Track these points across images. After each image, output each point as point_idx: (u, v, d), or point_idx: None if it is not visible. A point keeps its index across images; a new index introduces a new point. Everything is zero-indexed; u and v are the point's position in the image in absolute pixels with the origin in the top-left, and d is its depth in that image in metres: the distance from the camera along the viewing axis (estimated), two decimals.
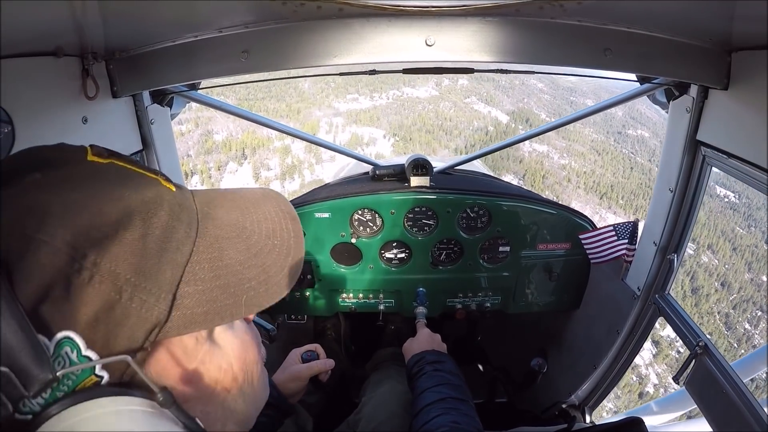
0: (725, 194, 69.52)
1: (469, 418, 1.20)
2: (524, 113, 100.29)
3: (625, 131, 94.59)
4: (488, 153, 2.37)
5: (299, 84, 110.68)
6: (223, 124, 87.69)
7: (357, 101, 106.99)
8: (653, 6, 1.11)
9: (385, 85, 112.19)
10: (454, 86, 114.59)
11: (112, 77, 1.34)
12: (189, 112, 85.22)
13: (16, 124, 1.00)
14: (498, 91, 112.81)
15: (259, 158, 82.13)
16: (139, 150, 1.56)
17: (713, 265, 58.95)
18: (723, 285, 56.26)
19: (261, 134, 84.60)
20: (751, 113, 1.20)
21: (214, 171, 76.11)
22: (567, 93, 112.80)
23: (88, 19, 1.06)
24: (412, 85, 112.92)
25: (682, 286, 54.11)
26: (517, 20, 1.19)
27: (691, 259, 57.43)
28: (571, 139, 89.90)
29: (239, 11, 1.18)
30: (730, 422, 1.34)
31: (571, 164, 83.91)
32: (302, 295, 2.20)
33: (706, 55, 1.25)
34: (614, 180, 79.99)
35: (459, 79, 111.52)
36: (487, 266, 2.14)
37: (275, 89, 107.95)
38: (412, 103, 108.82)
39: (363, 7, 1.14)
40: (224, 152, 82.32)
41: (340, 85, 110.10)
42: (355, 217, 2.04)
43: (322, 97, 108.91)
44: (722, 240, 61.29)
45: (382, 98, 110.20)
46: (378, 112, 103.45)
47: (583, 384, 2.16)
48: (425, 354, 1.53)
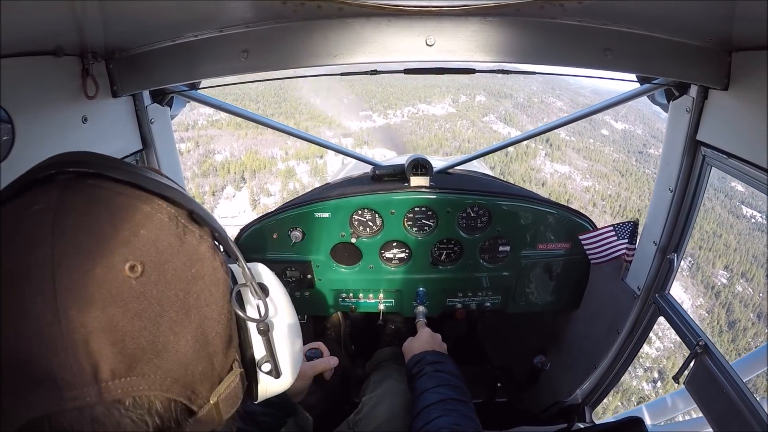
0: (752, 214, 63.53)
1: (470, 420, 1.21)
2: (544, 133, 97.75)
3: (647, 150, 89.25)
4: (488, 153, 2.37)
5: (311, 99, 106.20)
6: (227, 141, 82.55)
7: (371, 119, 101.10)
8: (653, 6, 1.11)
9: (400, 101, 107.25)
10: (471, 103, 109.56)
11: (112, 77, 1.34)
12: (192, 130, 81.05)
13: (16, 124, 1.00)
14: (516, 109, 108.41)
15: (258, 182, 74.26)
16: (139, 150, 1.56)
17: (748, 294, 51.80)
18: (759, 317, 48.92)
19: (264, 155, 79.77)
20: (751, 113, 1.20)
21: (209, 196, 67.75)
22: None
23: (88, 19, 1.06)
24: (428, 102, 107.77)
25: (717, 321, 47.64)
26: (518, 20, 1.19)
27: (726, 290, 51.33)
28: (592, 159, 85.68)
29: (239, 11, 1.18)
30: (730, 422, 1.34)
31: (595, 186, 79.22)
32: (302, 295, 2.20)
33: (706, 55, 1.25)
34: (641, 204, 71.80)
35: (476, 95, 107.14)
36: (487, 266, 2.14)
37: (285, 105, 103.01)
38: (428, 121, 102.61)
39: (363, 7, 1.14)
40: (222, 175, 75.08)
41: (353, 101, 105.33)
42: (355, 217, 2.04)
43: (334, 114, 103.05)
44: (755, 266, 54.77)
45: (397, 116, 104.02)
46: (391, 132, 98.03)
47: (583, 384, 2.16)
48: (425, 354, 1.53)
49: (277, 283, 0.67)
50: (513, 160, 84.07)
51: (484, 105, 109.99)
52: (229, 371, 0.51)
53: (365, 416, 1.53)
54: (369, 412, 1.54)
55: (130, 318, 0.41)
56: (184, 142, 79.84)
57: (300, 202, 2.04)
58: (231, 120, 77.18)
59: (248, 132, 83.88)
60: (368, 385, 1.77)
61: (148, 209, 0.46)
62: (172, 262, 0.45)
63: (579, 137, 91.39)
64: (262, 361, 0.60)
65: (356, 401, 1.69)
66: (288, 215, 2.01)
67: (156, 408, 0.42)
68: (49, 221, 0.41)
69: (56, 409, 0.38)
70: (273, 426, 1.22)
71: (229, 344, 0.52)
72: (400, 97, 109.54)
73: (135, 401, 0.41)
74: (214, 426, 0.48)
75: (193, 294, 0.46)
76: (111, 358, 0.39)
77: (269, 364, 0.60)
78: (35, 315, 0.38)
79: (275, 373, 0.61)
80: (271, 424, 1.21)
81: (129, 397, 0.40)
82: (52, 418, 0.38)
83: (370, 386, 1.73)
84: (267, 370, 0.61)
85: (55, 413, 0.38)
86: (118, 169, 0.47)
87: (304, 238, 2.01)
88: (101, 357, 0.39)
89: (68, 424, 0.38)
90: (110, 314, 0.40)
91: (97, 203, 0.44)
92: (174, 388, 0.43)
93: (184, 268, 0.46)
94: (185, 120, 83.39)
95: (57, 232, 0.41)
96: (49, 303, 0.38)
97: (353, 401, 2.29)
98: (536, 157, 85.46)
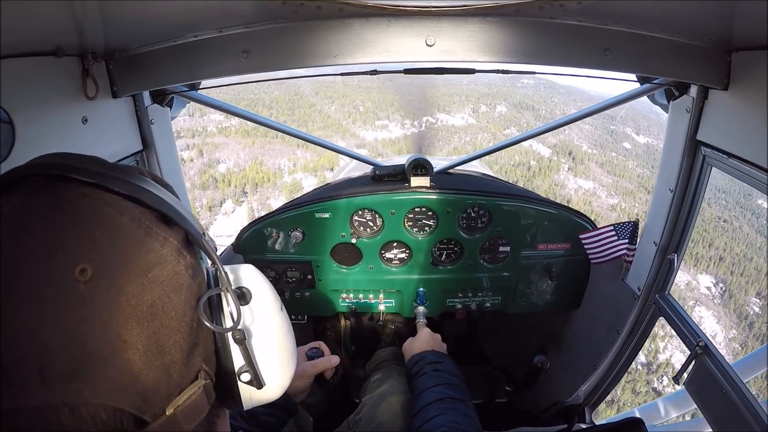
0: None
1: (469, 418, 1.20)
2: (567, 146, 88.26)
3: None
4: (488, 153, 2.37)
5: (325, 107, 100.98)
6: (233, 150, 76.95)
7: (387, 128, 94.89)
8: (653, 6, 1.11)
9: (418, 110, 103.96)
10: (492, 114, 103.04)
11: (112, 77, 1.34)
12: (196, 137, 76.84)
13: (16, 124, 1.00)
14: (538, 121, 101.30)
15: (260, 197, 68.39)
16: (140, 150, 1.56)
17: None
18: None
19: (270, 166, 74.73)
20: (751, 113, 1.20)
21: (205, 211, 62.24)
22: (607, 122, 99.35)
23: (88, 19, 1.07)
24: (447, 111, 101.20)
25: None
26: (517, 20, 1.19)
27: (760, 320, 45.74)
28: (617, 174, 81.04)
29: (239, 11, 1.18)
30: (730, 422, 1.34)
31: (621, 204, 73.90)
32: (302, 296, 2.20)
33: (706, 55, 1.25)
34: None
35: (497, 105, 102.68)
36: (487, 266, 2.14)
37: (299, 112, 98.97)
38: (448, 132, 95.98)
39: (363, 7, 1.14)
40: (221, 188, 68.44)
41: (369, 108, 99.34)
42: (355, 217, 2.04)
43: (348, 123, 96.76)
44: None
45: (415, 126, 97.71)
46: (409, 143, 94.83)
47: (583, 384, 2.16)
48: (425, 354, 1.53)
49: (264, 287, 0.63)
50: (536, 175, 79.88)
51: (505, 116, 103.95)
52: (193, 381, 0.49)
53: (365, 416, 1.53)
54: (369, 412, 1.55)
55: (77, 322, 0.40)
56: (188, 150, 75.36)
57: (300, 203, 2.05)
58: (240, 127, 74.16)
59: (255, 140, 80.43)
60: (368, 385, 1.77)
61: (108, 211, 0.45)
62: (126, 266, 0.44)
63: (601, 150, 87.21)
64: (241, 370, 0.57)
65: (356, 401, 1.69)
66: (288, 215, 2.01)
67: (101, 417, 0.41)
68: (11, 223, 0.42)
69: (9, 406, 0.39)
70: (275, 426, 1.22)
71: (191, 353, 0.49)
72: (418, 106, 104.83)
73: (79, 408, 0.40)
74: None
75: (146, 301, 0.44)
76: (57, 361, 0.39)
77: (248, 374, 0.58)
78: None
79: (256, 384, 0.59)
80: (274, 424, 1.22)
81: (74, 402, 0.40)
82: (7, 415, 0.39)
83: (370, 386, 1.73)
84: (247, 380, 0.58)
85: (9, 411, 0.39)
86: (86, 171, 0.46)
87: (304, 238, 2.01)
88: (48, 360, 0.39)
89: (23, 423, 0.39)
90: (59, 318, 0.40)
91: (59, 206, 0.44)
92: (120, 397, 0.42)
93: (140, 273, 0.44)
94: (194, 126, 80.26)
95: (19, 232, 0.41)
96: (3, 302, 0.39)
97: (353, 401, 2.29)
98: (559, 171, 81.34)
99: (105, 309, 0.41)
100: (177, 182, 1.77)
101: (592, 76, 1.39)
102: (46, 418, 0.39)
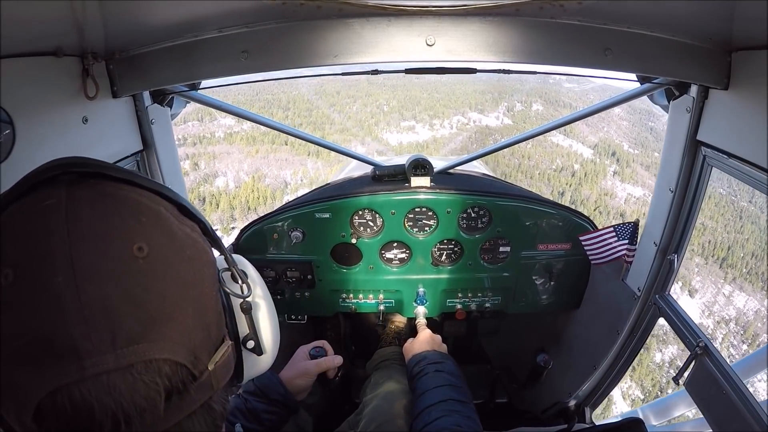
0: None
1: (471, 421, 1.20)
2: (608, 145, 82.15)
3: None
4: (488, 153, 2.37)
5: (347, 107, 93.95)
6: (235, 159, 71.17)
7: (413, 130, 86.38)
8: (653, 6, 1.11)
9: (447, 109, 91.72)
10: (528, 112, 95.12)
11: (112, 77, 1.34)
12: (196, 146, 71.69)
13: (16, 124, 1.00)
14: None
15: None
16: (140, 150, 1.56)
17: None
18: None
19: (271, 179, 68.43)
20: (751, 113, 1.20)
21: None
22: (645, 117, 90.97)
23: (88, 19, 1.07)
24: (480, 110, 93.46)
25: None
26: (518, 20, 1.20)
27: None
28: None
29: (239, 11, 1.18)
30: (730, 422, 1.34)
31: None
32: (302, 296, 2.20)
33: (706, 55, 1.25)
34: (728, 237, 57.99)
35: (533, 103, 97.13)
36: (487, 266, 2.14)
37: (315, 114, 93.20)
38: (482, 134, 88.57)
39: (363, 7, 1.14)
40: (210, 210, 61.86)
41: (394, 108, 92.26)
42: (355, 217, 2.04)
43: (371, 125, 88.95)
44: None
45: (445, 126, 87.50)
46: (438, 146, 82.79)
47: (584, 384, 2.16)
48: (427, 354, 1.53)
49: (254, 272, 0.74)
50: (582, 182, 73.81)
51: (541, 115, 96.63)
52: (221, 343, 0.57)
53: (366, 416, 1.53)
54: (369, 412, 1.54)
55: (140, 291, 0.46)
56: (186, 159, 70.35)
57: (300, 203, 2.04)
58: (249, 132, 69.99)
59: (260, 148, 75.72)
60: (369, 385, 1.77)
61: (146, 202, 0.52)
62: (171, 245, 0.51)
63: (643, 150, 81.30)
64: (246, 338, 0.67)
65: (357, 401, 1.69)
66: (288, 215, 2.01)
67: (165, 371, 0.47)
68: (62, 211, 0.46)
69: (77, 378, 0.42)
70: (276, 424, 1.22)
71: (220, 317, 0.58)
72: (447, 104, 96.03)
73: (146, 365, 0.45)
74: (210, 393, 0.53)
75: (190, 272, 0.52)
76: (127, 326, 0.44)
77: (253, 342, 0.67)
78: (56, 294, 0.43)
79: (259, 350, 0.68)
80: (275, 422, 1.22)
81: (141, 361, 0.45)
82: (71, 388, 0.42)
83: (371, 386, 1.73)
84: (251, 347, 0.67)
85: (75, 383, 0.42)
86: (116, 170, 0.53)
87: (304, 238, 2.01)
88: (118, 326, 0.44)
89: (86, 392, 0.43)
90: (124, 288, 0.45)
91: (103, 198, 0.50)
92: (180, 353, 0.48)
93: (181, 251, 0.52)
94: (202, 132, 75.79)
95: (70, 219, 0.46)
96: (69, 281, 0.43)
97: (354, 401, 2.29)
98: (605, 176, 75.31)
99: (162, 279, 0.48)
100: (177, 182, 1.77)
101: (592, 75, 1.39)
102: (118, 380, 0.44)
